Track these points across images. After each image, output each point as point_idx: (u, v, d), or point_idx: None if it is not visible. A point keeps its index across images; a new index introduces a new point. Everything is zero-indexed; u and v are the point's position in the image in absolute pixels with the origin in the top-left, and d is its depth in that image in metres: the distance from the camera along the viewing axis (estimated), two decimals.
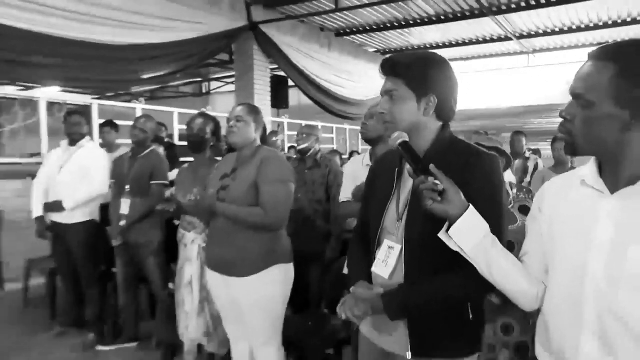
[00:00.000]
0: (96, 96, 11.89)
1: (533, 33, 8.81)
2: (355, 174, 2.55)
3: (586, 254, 1.03)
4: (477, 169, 1.28)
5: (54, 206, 3.37)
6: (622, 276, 0.97)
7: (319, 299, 3.19)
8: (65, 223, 3.39)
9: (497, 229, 1.21)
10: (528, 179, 4.59)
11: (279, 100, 7.72)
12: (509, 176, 2.37)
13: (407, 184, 1.39)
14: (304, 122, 8.42)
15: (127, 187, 3.18)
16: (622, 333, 0.98)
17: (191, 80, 12.88)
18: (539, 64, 10.48)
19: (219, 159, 2.69)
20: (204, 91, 14.32)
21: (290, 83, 8.26)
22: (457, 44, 9.67)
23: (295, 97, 9.06)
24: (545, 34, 8.78)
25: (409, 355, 1.33)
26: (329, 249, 3.18)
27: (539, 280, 1.18)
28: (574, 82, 1.04)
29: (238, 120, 2.25)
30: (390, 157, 1.50)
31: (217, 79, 12.75)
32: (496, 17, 7.49)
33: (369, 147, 2.60)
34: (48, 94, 5.75)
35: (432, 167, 1.18)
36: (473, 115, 10.17)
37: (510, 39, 8.94)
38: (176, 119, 6.08)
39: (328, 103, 8.46)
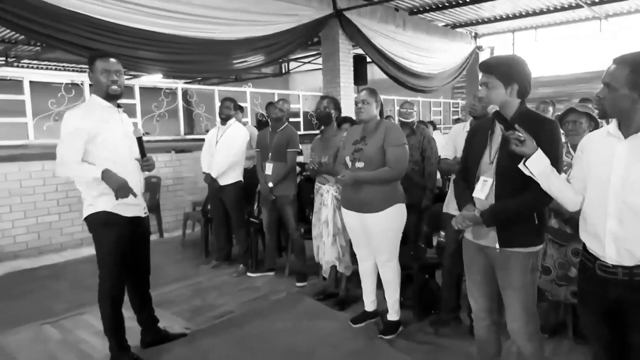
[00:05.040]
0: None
1: None
2: (455, 137, 3.25)
3: (610, 171, 1.72)
4: (543, 129, 2.00)
5: (206, 177, 4.47)
6: (629, 182, 1.70)
7: (416, 236, 4.05)
8: (222, 184, 4.42)
9: (555, 164, 1.93)
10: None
11: (359, 77, 8.46)
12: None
13: (497, 138, 2.12)
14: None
15: (270, 154, 4.13)
16: (630, 214, 1.67)
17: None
18: (612, 29, 10.27)
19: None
20: (283, 71, 15.19)
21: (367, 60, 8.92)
22: (527, 14, 9.79)
23: (370, 72, 9.59)
24: None
25: (497, 245, 2.09)
26: (424, 199, 3.91)
27: (580, 193, 1.89)
28: (605, 76, 1.74)
29: (364, 102, 3.04)
30: (484, 123, 2.29)
31: (295, 59, 13.58)
32: None
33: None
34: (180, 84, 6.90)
35: (516, 125, 1.94)
36: (545, 82, 10.41)
37: (582, 6, 9.01)
38: (276, 98, 7.05)
39: (403, 78, 9.09)
